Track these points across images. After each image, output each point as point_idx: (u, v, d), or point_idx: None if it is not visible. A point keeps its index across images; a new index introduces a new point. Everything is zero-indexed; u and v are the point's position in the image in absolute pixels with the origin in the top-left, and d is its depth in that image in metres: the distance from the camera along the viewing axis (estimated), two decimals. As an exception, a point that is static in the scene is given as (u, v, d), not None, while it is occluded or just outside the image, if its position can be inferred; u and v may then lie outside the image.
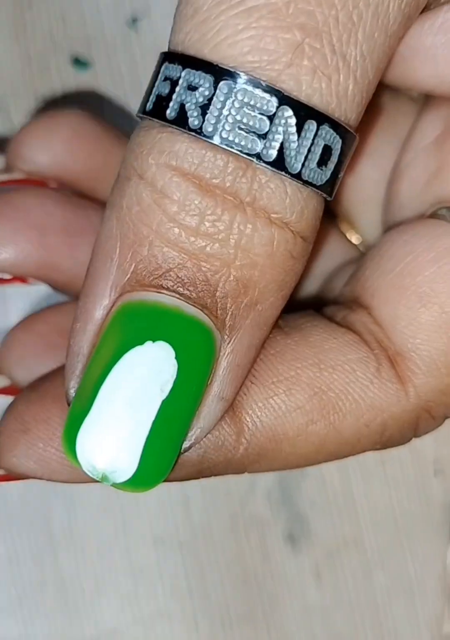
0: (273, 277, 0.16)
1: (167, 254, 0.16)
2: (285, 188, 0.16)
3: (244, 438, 0.18)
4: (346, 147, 0.16)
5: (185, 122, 0.15)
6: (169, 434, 0.16)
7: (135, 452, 0.16)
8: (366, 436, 0.18)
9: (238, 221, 0.15)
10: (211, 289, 0.16)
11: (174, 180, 0.15)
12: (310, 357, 0.18)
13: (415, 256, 0.19)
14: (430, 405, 0.18)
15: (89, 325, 0.16)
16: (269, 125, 0.15)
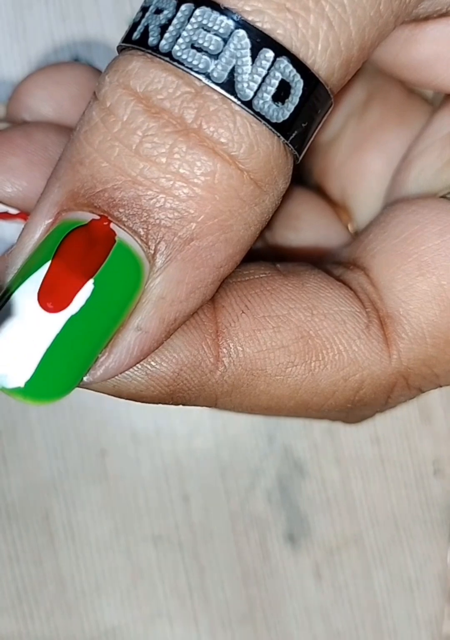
0: (213, 213, 0.16)
1: (104, 173, 0.15)
2: (234, 118, 0.15)
3: (222, 364, 0.17)
4: (310, 92, 0.16)
5: (145, 41, 0.15)
6: (73, 351, 0.16)
7: (30, 360, 0.15)
8: (341, 390, 0.18)
9: (179, 146, 0.15)
10: (144, 214, 0.15)
11: (123, 99, 0.15)
12: (304, 301, 0.18)
13: (422, 226, 0.19)
14: (409, 373, 0.19)
15: (27, 239, 0.16)
16: (222, 47, 0.15)
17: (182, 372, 0.17)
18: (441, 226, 0.18)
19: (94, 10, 0.28)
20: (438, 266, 0.18)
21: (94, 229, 0.16)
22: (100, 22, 0.28)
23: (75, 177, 0.16)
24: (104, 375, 0.16)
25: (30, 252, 0.16)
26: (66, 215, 0.16)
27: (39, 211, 0.16)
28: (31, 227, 0.16)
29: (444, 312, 0.18)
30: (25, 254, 0.16)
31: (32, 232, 0.16)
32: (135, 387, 0.17)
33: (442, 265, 0.18)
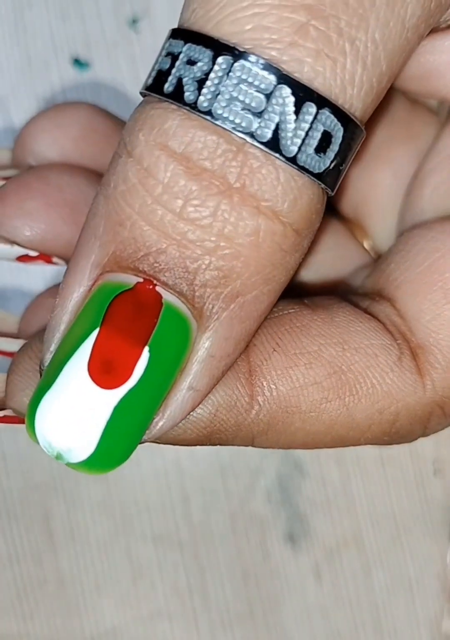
0: (257, 270, 0.16)
1: (148, 236, 0.15)
2: (277, 175, 0.15)
3: (257, 403, 0.17)
4: (348, 136, 0.16)
5: (181, 96, 0.15)
6: (132, 420, 0.16)
7: (92, 434, 0.15)
8: (377, 423, 0.18)
9: (223, 208, 0.15)
10: (190, 276, 0.15)
11: (161, 160, 0.15)
12: (335, 336, 0.18)
13: (443, 253, 0.19)
14: (445, 402, 0.19)
15: (67, 302, 0.16)
16: (265, 104, 0.15)
17: (219, 413, 0.17)
18: None
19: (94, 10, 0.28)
20: None
21: (140, 292, 0.15)
22: (100, 22, 0.28)
23: (117, 239, 0.15)
24: (158, 433, 0.17)
25: (73, 315, 0.16)
26: (109, 277, 0.16)
27: (79, 270, 0.16)
28: (72, 288, 0.16)
29: None
30: (69, 317, 0.16)
31: (74, 293, 0.16)
32: (173, 432, 0.17)
33: None
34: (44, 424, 0.16)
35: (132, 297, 0.15)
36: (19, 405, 0.18)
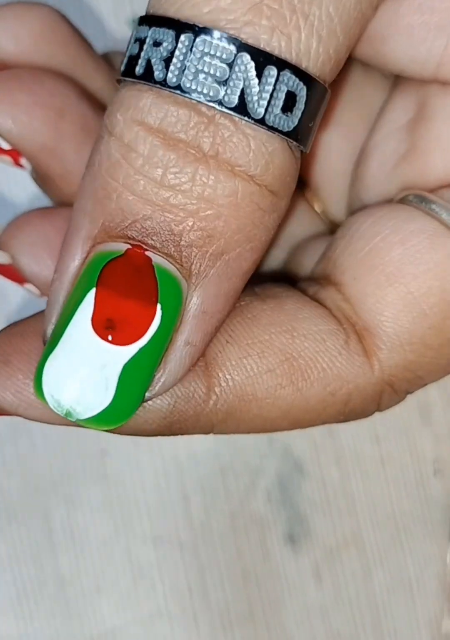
0: (239, 228, 0.17)
1: (133, 205, 0.16)
2: (248, 142, 0.16)
3: (214, 393, 0.18)
4: (313, 95, 0.17)
5: (151, 76, 0.16)
6: (140, 376, 0.17)
7: (103, 390, 0.16)
8: (331, 405, 0.19)
9: (200, 173, 0.16)
10: (176, 238, 0.16)
11: (140, 135, 0.16)
12: (284, 324, 0.19)
13: (383, 237, 0.19)
14: (393, 380, 0.19)
15: (64, 276, 0.17)
16: (229, 72, 0.16)
17: (177, 404, 0.18)
18: (401, 235, 0.19)
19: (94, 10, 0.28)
20: (404, 274, 0.19)
21: (131, 257, 0.16)
22: (100, 22, 0.28)
23: (105, 211, 0.16)
24: (161, 389, 0.17)
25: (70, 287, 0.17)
26: (100, 247, 0.17)
27: (73, 245, 0.17)
28: (67, 262, 0.17)
29: (417, 318, 0.19)
30: (66, 289, 0.17)
31: (69, 267, 0.17)
32: (134, 422, 0.18)
33: (408, 274, 0.19)
34: (51, 383, 0.16)
35: (124, 261, 0.16)
36: None
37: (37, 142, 0.21)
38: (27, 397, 0.18)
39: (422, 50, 0.19)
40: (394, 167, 0.21)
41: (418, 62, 0.19)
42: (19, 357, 0.18)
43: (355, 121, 0.23)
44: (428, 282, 0.19)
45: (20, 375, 0.18)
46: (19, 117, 0.21)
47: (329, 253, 0.20)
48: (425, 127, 0.20)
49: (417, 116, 0.21)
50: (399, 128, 0.21)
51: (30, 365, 0.18)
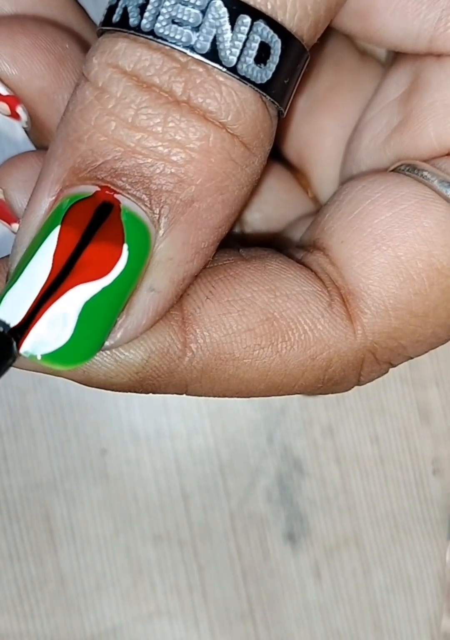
0: (210, 176, 0.16)
1: (104, 146, 0.16)
2: (219, 89, 0.16)
3: (190, 350, 0.18)
4: (289, 51, 0.16)
5: (126, 22, 0.16)
6: (97, 317, 0.16)
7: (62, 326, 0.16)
8: (310, 370, 0.19)
9: (173, 116, 0.16)
10: (146, 181, 0.16)
11: (114, 77, 0.16)
12: (267, 283, 0.18)
13: (373, 200, 0.19)
14: (376, 347, 0.19)
15: (31, 218, 0.17)
16: (201, 18, 0.16)
17: (151, 358, 0.17)
18: (391, 199, 0.19)
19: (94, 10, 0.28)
20: (392, 238, 0.18)
21: (100, 198, 0.16)
22: (100, 22, 0.28)
23: (75, 154, 0.16)
24: (123, 337, 0.17)
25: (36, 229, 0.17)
26: (69, 191, 0.16)
27: (41, 189, 0.17)
28: (34, 205, 0.17)
29: (403, 283, 0.18)
30: (32, 232, 0.17)
31: (36, 210, 0.17)
32: (104, 374, 0.17)
33: (397, 237, 0.18)
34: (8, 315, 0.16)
35: (91, 202, 0.16)
36: None
37: (36, 87, 0.21)
38: None
39: (416, 24, 0.19)
40: (386, 140, 0.21)
41: (412, 36, 0.19)
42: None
43: (350, 107, 0.23)
44: (416, 246, 0.18)
45: None
46: (20, 60, 0.21)
47: (318, 218, 0.20)
48: (418, 97, 0.20)
49: (409, 89, 0.20)
50: (392, 102, 0.21)
51: None
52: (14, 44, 0.21)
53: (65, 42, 0.21)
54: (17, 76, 0.21)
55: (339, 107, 0.23)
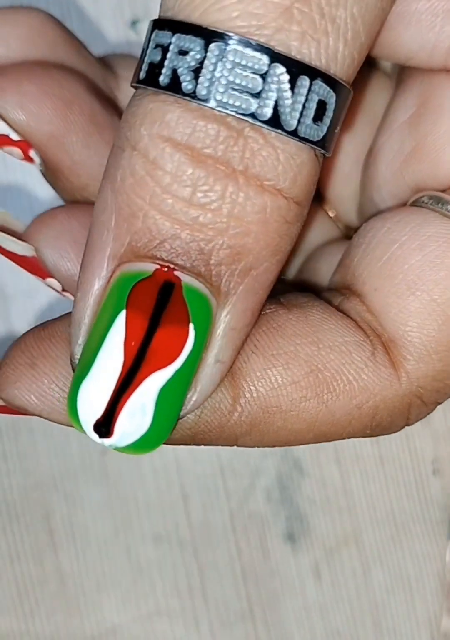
0: (267, 243, 0.16)
1: (161, 225, 0.16)
2: (277, 156, 0.16)
3: (239, 404, 0.18)
4: (340, 100, 0.16)
5: (178, 87, 0.15)
6: (175, 398, 0.16)
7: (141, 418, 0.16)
8: (357, 418, 0.19)
9: (230, 190, 0.16)
10: (205, 257, 0.16)
11: (166, 151, 0.15)
12: (309, 335, 0.18)
13: (400, 245, 0.19)
14: (422, 392, 0.19)
15: (89, 295, 0.17)
16: (262, 84, 0.15)
17: (203, 414, 0.18)
18: (419, 241, 0.19)
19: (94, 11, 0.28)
20: (425, 282, 0.18)
21: (161, 277, 0.16)
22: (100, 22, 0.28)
23: (131, 229, 0.16)
24: (192, 408, 0.17)
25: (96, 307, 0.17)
26: (127, 267, 0.16)
27: (96, 262, 0.17)
28: (91, 279, 0.17)
29: (443, 326, 0.18)
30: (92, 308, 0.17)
31: (93, 284, 0.17)
32: None
33: (430, 280, 0.18)
34: (87, 413, 0.16)
35: (153, 282, 0.16)
36: (10, 397, 0.18)
37: (45, 132, 0.21)
38: (51, 402, 0.18)
39: (431, 37, 0.18)
40: (403, 166, 0.21)
41: (426, 50, 0.19)
42: (45, 361, 0.18)
43: (361, 122, 0.23)
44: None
45: (46, 379, 0.18)
46: (28, 107, 0.21)
47: (347, 261, 0.20)
48: (431, 121, 0.20)
49: (419, 112, 0.20)
50: (401, 125, 0.21)
51: (56, 371, 0.18)
52: (20, 91, 0.21)
53: (73, 85, 0.21)
54: (26, 122, 0.21)
55: (353, 127, 0.23)
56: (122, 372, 0.16)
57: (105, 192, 0.16)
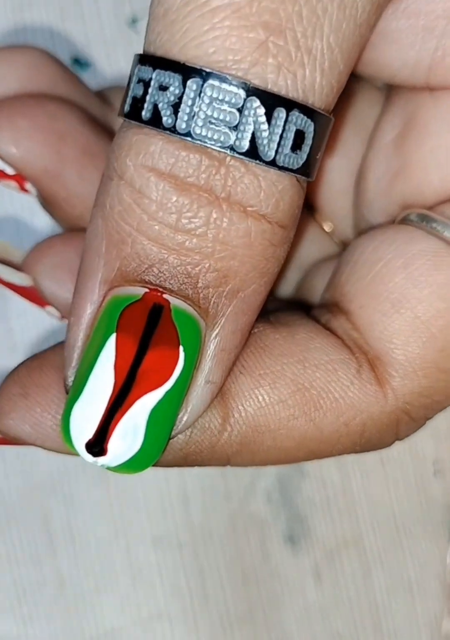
0: (253, 266, 0.17)
1: (149, 250, 0.16)
2: (259, 183, 0.16)
3: (229, 424, 0.18)
4: (320, 128, 0.17)
5: (159, 121, 0.16)
6: (166, 419, 0.17)
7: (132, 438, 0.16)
8: (345, 435, 0.19)
9: (214, 216, 0.16)
10: (192, 280, 0.16)
11: (151, 180, 0.16)
12: (296, 354, 0.19)
13: (385, 263, 0.19)
14: (409, 408, 0.19)
15: (81, 320, 0.17)
16: (238, 117, 0.16)
17: (193, 435, 0.18)
18: (403, 259, 0.19)
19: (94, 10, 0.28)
20: (409, 299, 0.18)
21: (150, 301, 0.16)
22: (100, 22, 0.28)
23: (121, 255, 0.16)
24: (183, 428, 0.18)
25: (88, 330, 0.17)
26: (117, 291, 0.17)
27: (88, 288, 0.17)
28: (83, 304, 0.17)
29: (426, 343, 0.18)
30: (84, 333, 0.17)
31: (86, 309, 0.17)
32: None
33: (414, 298, 0.18)
34: (79, 434, 0.16)
35: (142, 305, 0.16)
36: (5, 428, 0.19)
37: (39, 166, 0.22)
38: (44, 430, 0.18)
39: (412, 55, 0.19)
40: (390, 184, 0.21)
41: (408, 68, 0.19)
42: (38, 390, 0.18)
43: (352, 138, 0.23)
44: (434, 304, 0.18)
45: (38, 408, 0.18)
46: (21, 142, 0.21)
47: (336, 279, 0.20)
48: (417, 140, 0.20)
49: (404, 130, 0.21)
50: (387, 144, 0.21)
51: (48, 399, 0.18)
52: (13, 127, 0.21)
53: (66, 117, 0.22)
54: (19, 157, 0.21)
55: (343, 141, 0.23)
56: (112, 394, 0.16)
57: (95, 219, 0.17)
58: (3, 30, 0.27)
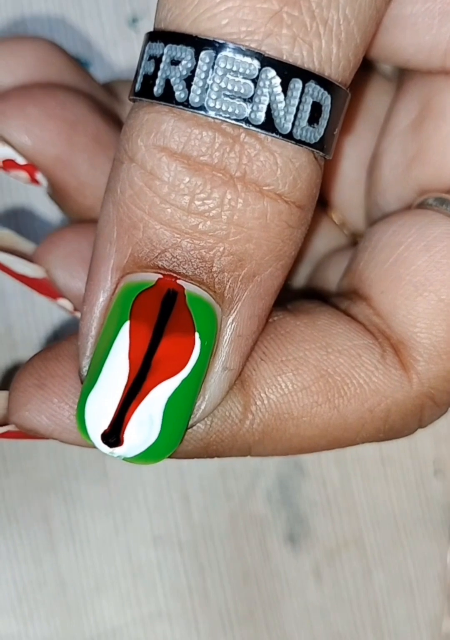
0: (269, 248, 0.16)
1: (161, 235, 0.16)
2: (275, 160, 0.16)
3: (250, 412, 0.18)
4: (337, 102, 0.16)
5: (172, 96, 0.15)
6: (178, 409, 0.16)
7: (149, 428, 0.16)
8: (370, 422, 0.19)
9: (228, 197, 0.16)
10: (207, 265, 0.16)
11: (163, 161, 0.16)
12: (318, 340, 0.18)
13: (407, 246, 0.19)
14: (433, 393, 0.19)
15: (95, 308, 0.17)
16: (253, 89, 0.15)
17: (214, 424, 0.18)
18: (425, 242, 0.19)
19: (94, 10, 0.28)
20: (433, 282, 0.18)
21: (164, 287, 0.16)
22: (100, 22, 0.28)
23: (133, 241, 0.16)
24: (201, 417, 0.17)
25: (101, 319, 0.17)
26: (130, 278, 0.16)
27: (101, 275, 0.17)
28: (95, 292, 0.17)
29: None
30: (98, 321, 0.17)
31: (98, 297, 0.17)
32: None
33: (437, 281, 0.18)
34: (95, 424, 0.16)
35: (156, 292, 0.16)
36: (21, 420, 0.18)
37: (51, 155, 0.21)
38: (62, 421, 0.18)
39: (428, 39, 0.18)
40: (407, 170, 0.21)
41: (424, 52, 0.19)
42: (54, 380, 0.18)
43: (362, 127, 0.23)
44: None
45: (55, 399, 0.18)
46: (32, 130, 0.21)
47: (353, 266, 0.20)
48: (433, 125, 0.20)
49: (421, 115, 0.20)
50: (404, 130, 0.21)
51: (64, 389, 0.18)
52: (24, 116, 0.21)
53: (77, 106, 0.22)
54: (30, 146, 0.21)
55: (354, 131, 0.23)
56: (127, 383, 0.16)
57: (107, 205, 0.17)
58: (3, 30, 0.27)
